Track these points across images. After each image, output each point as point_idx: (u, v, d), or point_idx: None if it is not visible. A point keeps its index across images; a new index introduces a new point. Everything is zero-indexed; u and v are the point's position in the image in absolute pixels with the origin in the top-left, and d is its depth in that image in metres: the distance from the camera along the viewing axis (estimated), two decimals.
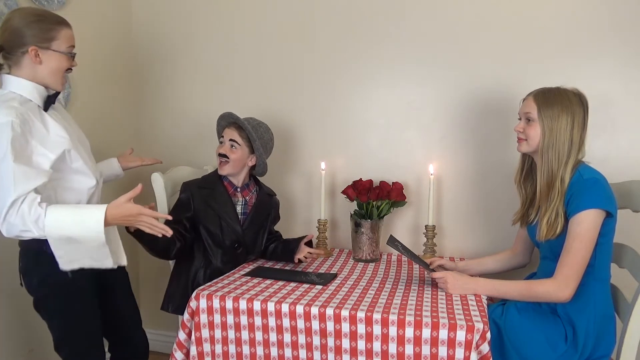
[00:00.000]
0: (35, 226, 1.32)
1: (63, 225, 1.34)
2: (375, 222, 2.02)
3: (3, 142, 1.32)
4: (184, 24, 2.44)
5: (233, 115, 1.93)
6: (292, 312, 1.47)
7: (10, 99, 1.41)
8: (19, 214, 1.31)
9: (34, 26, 1.43)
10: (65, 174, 1.48)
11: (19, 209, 1.31)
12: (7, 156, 1.31)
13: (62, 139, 1.47)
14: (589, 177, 1.49)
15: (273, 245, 2.00)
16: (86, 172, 1.53)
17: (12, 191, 1.30)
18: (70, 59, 1.51)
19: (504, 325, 1.50)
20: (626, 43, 1.92)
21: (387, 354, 1.39)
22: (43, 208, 1.33)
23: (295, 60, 2.31)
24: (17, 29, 1.42)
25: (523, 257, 1.81)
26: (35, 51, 1.43)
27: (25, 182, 1.32)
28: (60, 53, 1.47)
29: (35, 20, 1.43)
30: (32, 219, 1.32)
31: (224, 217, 1.89)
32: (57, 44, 1.46)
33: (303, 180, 2.35)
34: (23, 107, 1.40)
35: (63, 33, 1.48)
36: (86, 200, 1.54)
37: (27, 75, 1.45)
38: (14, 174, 1.31)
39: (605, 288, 1.53)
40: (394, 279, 1.79)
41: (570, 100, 1.53)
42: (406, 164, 2.20)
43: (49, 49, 1.45)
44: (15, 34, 1.42)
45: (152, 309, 2.29)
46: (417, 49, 2.15)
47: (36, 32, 1.43)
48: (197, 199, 1.89)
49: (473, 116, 2.11)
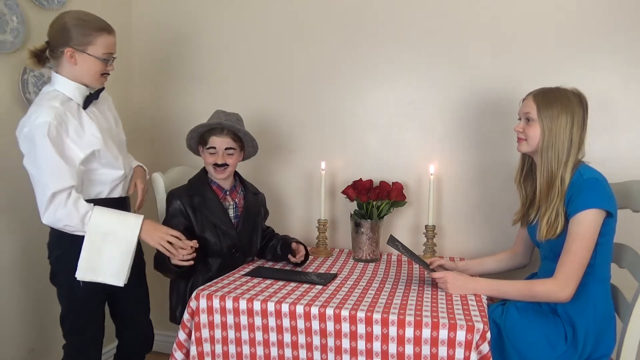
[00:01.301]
0: (81, 223, 1.51)
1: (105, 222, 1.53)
2: (375, 222, 2.02)
3: (40, 141, 1.46)
4: (183, 24, 2.44)
5: (231, 127, 1.84)
6: (292, 312, 1.47)
7: (53, 97, 1.55)
8: (66, 209, 1.48)
9: (76, 29, 1.55)
10: (92, 166, 1.61)
11: (65, 203, 1.48)
12: (44, 153, 1.47)
13: (95, 138, 1.59)
14: (589, 177, 1.49)
15: (272, 244, 1.99)
16: (114, 165, 1.66)
17: (50, 185, 1.46)
18: (104, 64, 1.61)
19: (504, 325, 1.50)
20: (626, 43, 1.92)
21: (387, 354, 1.39)
22: (91, 207, 1.52)
23: (295, 60, 2.31)
24: (61, 29, 1.56)
25: (523, 257, 1.81)
26: (70, 52, 1.55)
27: (60, 178, 1.48)
28: (95, 58, 1.58)
29: (78, 24, 1.55)
30: (80, 216, 1.50)
31: (219, 225, 1.84)
32: (94, 49, 1.57)
33: (303, 180, 2.34)
34: (63, 107, 1.53)
35: (101, 39, 1.58)
36: (109, 189, 1.68)
37: (67, 74, 1.58)
38: (50, 170, 1.47)
39: (606, 288, 1.53)
40: (394, 279, 1.79)
41: (570, 100, 1.53)
42: (406, 164, 2.20)
43: (84, 52, 1.56)
44: (59, 33, 1.56)
45: (151, 309, 2.28)
46: (417, 49, 2.15)
47: (76, 34, 1.55)
48: (189, 209, 1.82)
49: (473, 116, 2.11)
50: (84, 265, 1.55)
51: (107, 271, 1.57)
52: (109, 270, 1.57)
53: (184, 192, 1.86)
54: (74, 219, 1.50)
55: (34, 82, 1.96)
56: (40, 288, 2.02)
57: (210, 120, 1.86)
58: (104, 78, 1.65)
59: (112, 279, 1.58)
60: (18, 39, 1.89)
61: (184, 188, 1.89)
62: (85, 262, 1.55)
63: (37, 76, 1.97)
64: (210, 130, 1.85)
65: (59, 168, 1.48)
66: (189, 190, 1.87)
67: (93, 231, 1.53)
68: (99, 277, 1.57)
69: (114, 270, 1.57)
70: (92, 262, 1.55)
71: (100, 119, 1.68)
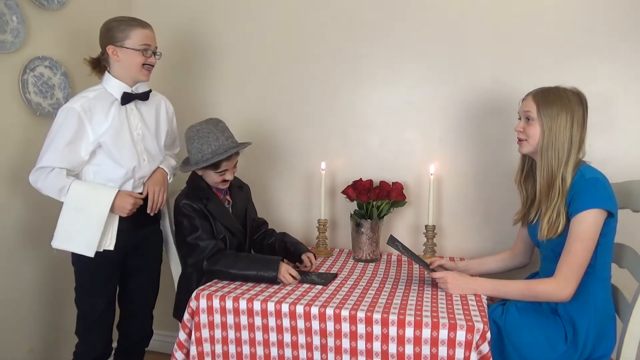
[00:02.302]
0: (59, 193, 1.64)
1: (81, 195, 1.65)
2: (375, 222, 2.02)
3: (58, 121, 1.64)
4: (184, 25, 2.44)
5: (242, 148, 1.82)
6: (292, 312, 1.47)
7: (91, 90, 1.73)
8: (46, 181, 1.62)
9: (115, 28, 1.70)
10: (99, 160, 1.71)
11: (46, 176, 1.62)
12: (56, 132, 1.63)
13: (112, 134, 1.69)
14: (590, 177, 1.48)
15: (270, 242, 1.97)
16: (118, 162, 1.71)
17: (43, 158, 1.63)
18: (143, 55, 1.72)
19: (504, 325, 1.50)
20: (626, 43, 1.92)
21: (387, 354, 1.39)
22: (71, 180, 1.64)
23: (296, 60, 2.30)
24: (102, 32, 1.73)
25: (523, 258, 1.81)
26: (112, 49, 1.70)
27: (53, 158, 1.62)
28: (133, 50, 1.70)
29: (116, 25, 1.71)
30: (59, 187, 1.63)
31: (230, 227, 1.83)
32: (131, 42, 1.70)
33: (303, 180, 2.34)
34: (94, 99, 1.68)
35: (135, 32, 1.70)
36: (120, 183, 1.75)
37: (115, 72, 1.74)
38: (52, 148, 1.62)
39: (606, 288, 1.53)
40: (394, 279, 1.79)
41: (570, 99, 1.53)
42: (406, 164, 2.20)
43: (123, 46, 1.70)
44: (104, 36, 1.72)
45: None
46: (417, 49, 2.15)
47: (114, 32, 1.70)
48: (204, 212, 1.78)
49: (473, 116, 2.11)
50: (61, 234, 1.66)
51: (81, 242, 1.66)
52: (83, 240, 1.65)
53: (194, 197, 1.80)
54: (53, 190, 1.64)
55: (33, 82, 1.96)
56: (41, 288, 2.03)
57: (216, 143, 1.76)
58: (147, 70, 1.76)
59: (84, 249, 1.66)
60: (18, 39, 1.89)
61: (190, 193, 1.82)
62: (62, 232, 1.66)
63: (37, 76, 1.97)
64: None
65: (59, 150, 1.62)
66: (197, 196, 1.80)
67: (70, 202, 1.64)
68: (72, 247, 1.67)
69: (86, 241, 1.65)
70: (68, 232, 1.66)
71: (136, 118, 1.78)
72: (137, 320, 1.95)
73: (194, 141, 1.77)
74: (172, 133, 2.00)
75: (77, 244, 1.66)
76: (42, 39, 2.00)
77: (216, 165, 1.77)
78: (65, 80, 2.07)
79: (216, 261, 1.71)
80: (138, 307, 1.94)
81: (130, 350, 1.97)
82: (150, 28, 1.76)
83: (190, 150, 1.80)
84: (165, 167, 1.89)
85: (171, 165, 1.95)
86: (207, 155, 1.75)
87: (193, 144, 1.77)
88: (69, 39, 2.11)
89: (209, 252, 1.72)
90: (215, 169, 1.79)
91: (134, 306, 1.93)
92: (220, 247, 1.75)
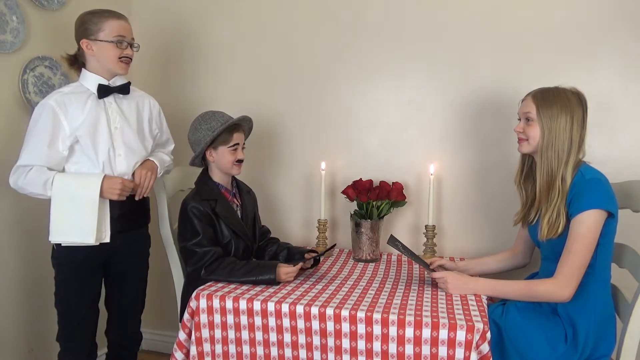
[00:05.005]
0: (44, 188, 1.59)
1: (67, 186, 1.60)
2: (375, 222, 2.02)
3: (34, 117, 1.61)
4: (183, 24, 2.44)
5: (251, 121, 1.86)
6: (292, 312, 1.47)
7: (68, 86, 1.70)
8: (26, 178, 1.59)
9: (87, 22, 1.65)
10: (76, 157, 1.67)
11: (26, 175, 1.59)
12: (32, 129, 1.60)
13: (89, 127, 1.65)
14: (591, 178, 1.49)
15: (271, 250, 1.95)
16: (91, 157, 1.66)
17: (22, 157, 1.60)
18: (118, 47, 1.67)
19: (504, 325, 1.50)
20: (626, 43, 1.92)
21: (387, 354, 1.39)
22: (53, 174, 1.60)
23: (296, 60, 2.31)
24: (77, 26, 1.68)
25: (523, 258, 1.81)
26: (86, 43, 1.66)
27: (31, 156, 1.59)
28: (107, 42, 1.65)
29: (88, 18, 1.66)
30: (42, 182, 1.59)
31: (237, 230, 1.80)
32: (104, 34, 1.65)
33: (303, 180, 2.34)
34: (70, 94, 1.65)
35: (109, 24, 1.65)
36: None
37: (91, 67, 1.69)
38: (29, 146, 1.60)
39: (606, 288, 1.53)
40: (394, 279, 1.79)
41: (569, 100, 1.53)
42: (406, 164, 2.20)
43: (97, 39, 1.65)
44: (77, 31, 1.68)
45: (152, 310, 2.29)
46: (417, 49, 2.15)
47: (87, 26, 1.65)
48: (213, 216, 1.76)
49: (473, 116, 2.11)
50: (55, 227, 1.62)
51: (77, 231, 1.62)
52: (78, 229, 1.62)
53: (201, 198, 1.76)
54: (36, 186, 1.59)
55: (33, 82, 1.96)
56: (41, 288, 2.03)
57: (222, 119, 1.78)
58: (124, 63, 1.70)
59: (82, 237, 1.62)
60: (18, 39, 1.89)
61: (198, 195, 1.78)
62: (56, 225, 1.62)
63: (37, 76, 1.97)
64: (234, 126, 1.78)
65: (37, 147, 1.59)
66: (205, 197, 1.77)
67: (58, 194, 1.60)
68: (69, 238, 1.63)
69: (82, 229, 1.62)
70: (61, 224, 1.62)
71: (114, 112, 1.72)
72: (125, 326, 1.89)
73: (201, 124, 1.78)
74: (163, 132, 1.95)
75: (74, 234, 1.62)
76: (42, 39, 2.00)
77: (226, 140, 1.77)
78: (65, 80, 2.07)
79: (213, 270, 1.69)
80: (126, 313, 1.89)
81: (122, 356, 1.92)
82: (125, 19, 1.70)
83: (198, 136, 1.78)
84: (155, 159, 1.84)
85: (162, 160, 1.88)
86: (217, 127, 1.75)
87: (201, 127, 1.77)
88: (69, 39, 2.11)
89: (208, 260, 1.69)
90: (227, 144, 1.78)
91: (121, 312, 1.88)
92: (219, 255, 1.71)
